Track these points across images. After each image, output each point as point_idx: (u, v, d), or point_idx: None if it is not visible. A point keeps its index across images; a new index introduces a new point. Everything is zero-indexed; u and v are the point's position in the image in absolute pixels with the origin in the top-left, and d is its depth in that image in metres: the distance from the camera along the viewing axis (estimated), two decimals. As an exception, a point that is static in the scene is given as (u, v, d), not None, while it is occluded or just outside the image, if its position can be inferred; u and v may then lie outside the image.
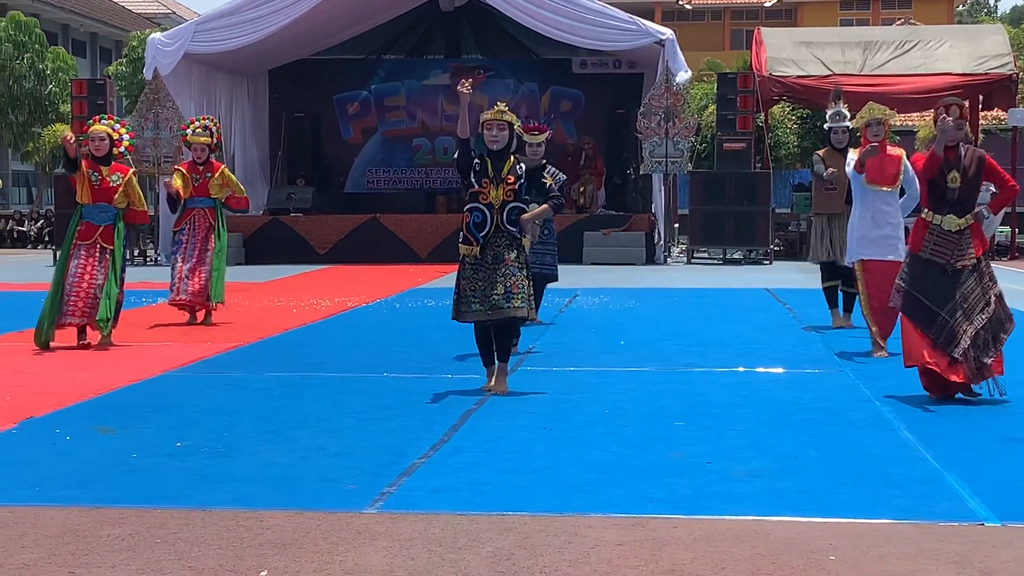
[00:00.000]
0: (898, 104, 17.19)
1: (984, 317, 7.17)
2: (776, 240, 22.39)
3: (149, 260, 21.48)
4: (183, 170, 11.71)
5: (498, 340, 7.59)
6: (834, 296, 11.01)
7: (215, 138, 11.85)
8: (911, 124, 31.49)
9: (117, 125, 10.31)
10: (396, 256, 20.83)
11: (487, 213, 7.45)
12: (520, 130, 7.90)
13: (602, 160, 23.89)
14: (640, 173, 22.14)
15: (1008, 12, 75.21)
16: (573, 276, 15.90)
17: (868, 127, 9.06)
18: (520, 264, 7.48)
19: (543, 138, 9.34)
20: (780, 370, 8.59)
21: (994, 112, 27.26)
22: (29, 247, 30.07)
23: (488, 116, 7.51)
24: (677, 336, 10.51)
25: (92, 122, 10.48)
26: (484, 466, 5.55)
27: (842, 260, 10.40)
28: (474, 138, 7.58)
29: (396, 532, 4.49)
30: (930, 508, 4.79)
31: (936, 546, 4.31)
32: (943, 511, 4.74)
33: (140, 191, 10.41)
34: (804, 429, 6.40)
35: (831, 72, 21.44)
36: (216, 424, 6.57)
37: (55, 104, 34.07)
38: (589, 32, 21.25)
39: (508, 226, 7.48)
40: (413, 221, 21.82)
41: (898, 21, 39.75)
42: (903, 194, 9.10)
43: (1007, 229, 23.26)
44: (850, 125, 10.41)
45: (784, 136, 29.10)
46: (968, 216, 7.30)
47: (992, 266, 7.50)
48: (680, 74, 20.62)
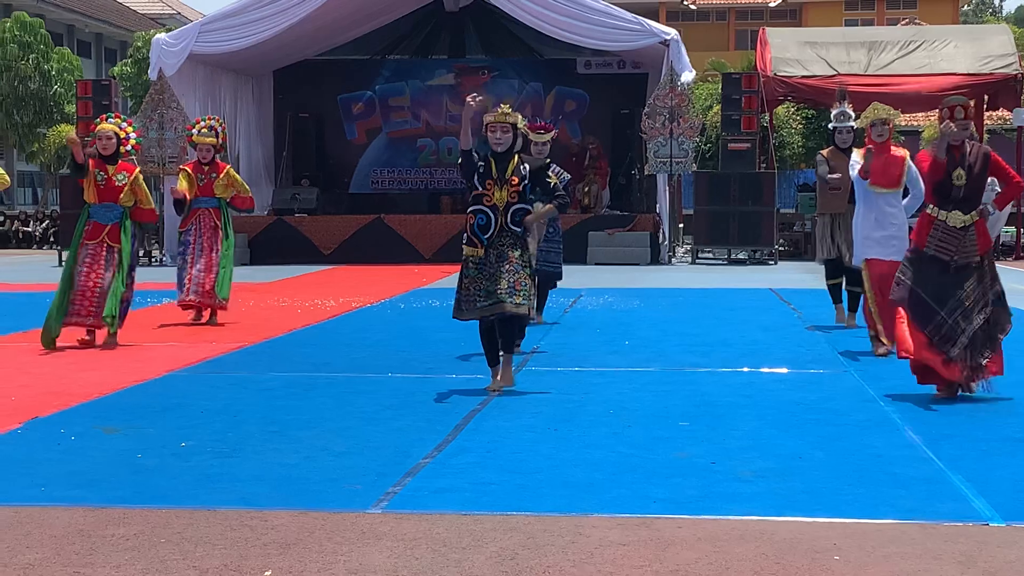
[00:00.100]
0: (903, 104, 17.20)
1: (982, 318, 7.18)
2: (781, 240, 22.36)
3: (154, 261, 21.50)
4: (188, 170, 11.73)
5: (502, 334, 7.58)
6: (838, 292, 11.02)
7: (220, 138, 11.86)
8: (916, 124, 31.47)
9: (124, 124, 10.33)
10: (400, 256, 20.83)
11: (491, 216, 7.45)
12: (526, 129, 7.89)
13: (607, 160, 23.89)
14: (645, 173, 22.13)
15: (1013, 12, 75.18)
16: (578, 276, 15.90)
17: (872, 127, 9.04)
18: (524, 263, 7.48)
19: (548, 137, 9.33)
20: (785, 370, 8.59)
21: (999, 112, 27.22)
22: (34, 248, 30.10)
23: (492, 119, 7.50)
24: (682, 336, 10.50)
25: (99, 120, 10.49)
26: (488, 466, 5.55)
27: (846, 258, 10.42)
28: (476, 139, 7.57)
29: (400, 532, 4.49)
30: (935, 508, 4.78)
31: (941, 546, 4.31)
32: (948, 511, 4.74)
33: (147, 189, 10.42)
34: (809, 429, 6.39)
35: (836, 72, 21.41)
36: (221, 424, 6.58)
37: (60, 105, 34.13)
38: (594, 32, 21.24)
39: (512, 227, 7.48)
40: (417, 221, 21.82)
41: (903, 21, 39.67)
42: (907, 194, 9.09)
43: (1012, 229, 23.23)
44: (854, 125, 10.41)
45: (789, 136, 29.06)
46: (973, 213, 7.30)
47: (995, 264, 7.50)
48: (684, 74, 20.62)
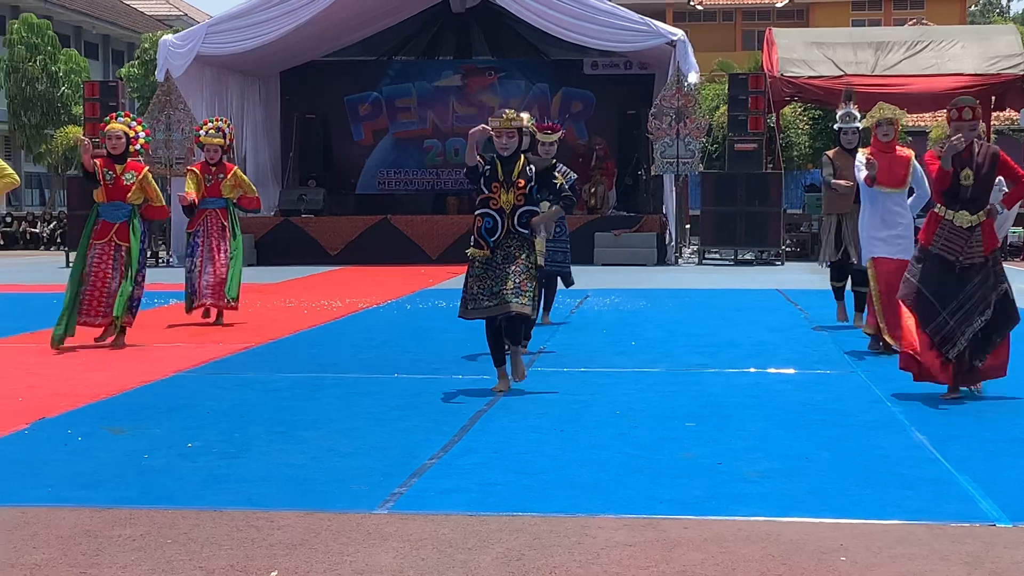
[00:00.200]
0: (911, 104, 17.17)
1: (982, 320, 7.17)
2: (788, 241, 22.34)
3: (161, 262, 21.52)
4: (196, 171, 11.74)
5: (508, 331, 7.58)
6: (841, 292, 11.05)
7: (228, 139, 11.88)
8: (923, 124, 31.41)
9: (133, 123, 10.34)
10: (407, 257, 20.84)
11: (498, 219, 7.45)
12: (534, 127, 7.88)
13: (613, 161, 23.86)
14: (651, 174, 22.11)
15: (1021, 12, 75.02)
16: (584, 277, 15.89)
17: (878, 127, 9.02)
18: (530, 265, 7.49)
19: (556, 137, 9.34)
20: (791, 371, 8.58)
21: (1006, 112, 27.16)
22: (42, 249, 30.14)
23: (497, 126, 7.49)
24: (688, 337, 10.50)
25: (109, 119, 10.51)
26: (494, 467, 5.55)
27: (853, 259, 10.41)
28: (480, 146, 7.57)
29: (406, 533, 4.50)
30: (942, 509, 4.78)
31: (948, 547, 4.30)
32: (955, 512, 4.73)
33: (156, 187, 10.44)
34: (815, 430, 6.39)
35: (843, 72, 21.36)
36: (227, 425, 6.59)
37: (67, 106, 34.18)
38: (600, 33, 21.22)
39: (519, 229, 7.48)
40: (424, 222, 21.82)
41: (910, 21, 39.65)
42: (912, 193, 9.08)
43: (1020, 229, 23.17)
44: (860, 126, 10.40)
45: (796, 137, 29.03)
46: (981, 213, 7.28)
47: (1002, 264, 7.48)
48: (691, 75, 20.60)
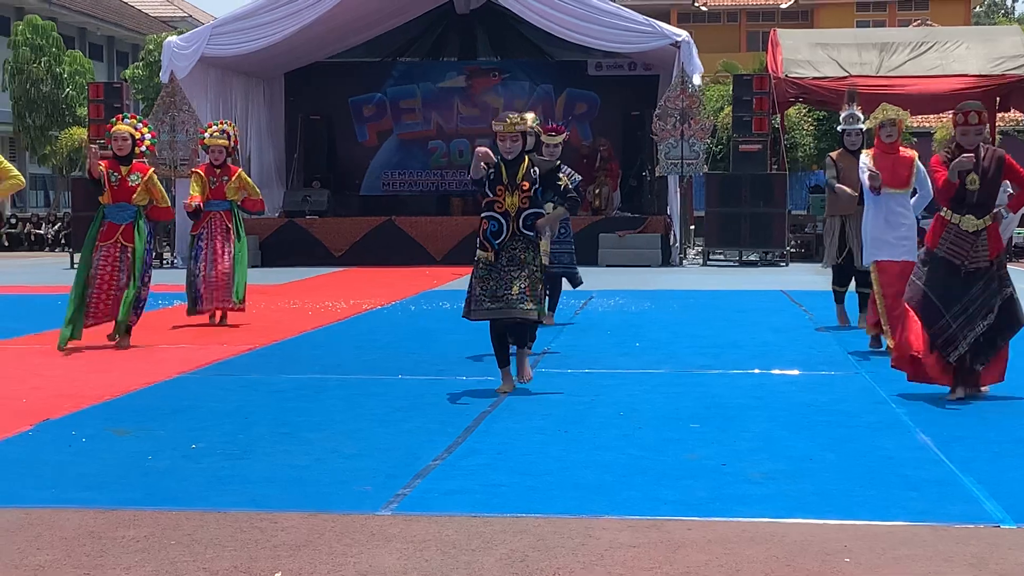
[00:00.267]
0: (915, 105, 17.12)
1: (984, 324, 7.16)
2: (792, 242, 22.32)
3: (165, 263, 21.54)
4: (200, 173, 11.75)
5: (513, 333, 7.58)
6: (842, 296, 11.05)
7: (232, 141, 11.89)
8: (928, 125, 31.37)
9: (139, 124, 10.36)
10: (411, 258, 20.84)
11: (503, 222, 7.45)
12: (539, 128, 7.87)
13: (617, 162, 23.87)
14: (656, 175, 22.11)
15: (1025, 13, 74.89)
16: (589, 278, 15.80)
17: (881, 127, 9.01)
18: (535, 267, 7.49)
19: (560, 139, 9.34)
20: (796, 372, 8.58)
21: (1011, 113, 27.13)
22: (47, 250, 30.16)
23: (501, 129, 7.48)
24: (692, 338, 10.49)
25: (115, 121, 10.52)
26: (498, 468, 5.55)
27: (856, 261, 10.41)
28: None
29: (410, 534, 4.49)
30: (946, 510, 4.77)
31: (952, 548, 4.29)
32: (959, 513, 4.73)
33: (162, 188, 10.45)
34: (820, 431, 6.38)
35: (847, 74, 21.34)
36: (231, 426, 6.59)
37: (72, 107, 34.20)
38: (604, 34, 21.22)
39: (524, 231, 7.48)
40: (428, 223, 21.83)
41: (915, 22, 39.61)
42: (915, 193, 9.07)
43: (1024, 231, 23.15)
44: (863, 127, 10.38)
45: (800, 138, 29.01)
46: (987, 217, 7.27)
47: (1008, 267, 7.48)
48: (695, 76, 20.60)
